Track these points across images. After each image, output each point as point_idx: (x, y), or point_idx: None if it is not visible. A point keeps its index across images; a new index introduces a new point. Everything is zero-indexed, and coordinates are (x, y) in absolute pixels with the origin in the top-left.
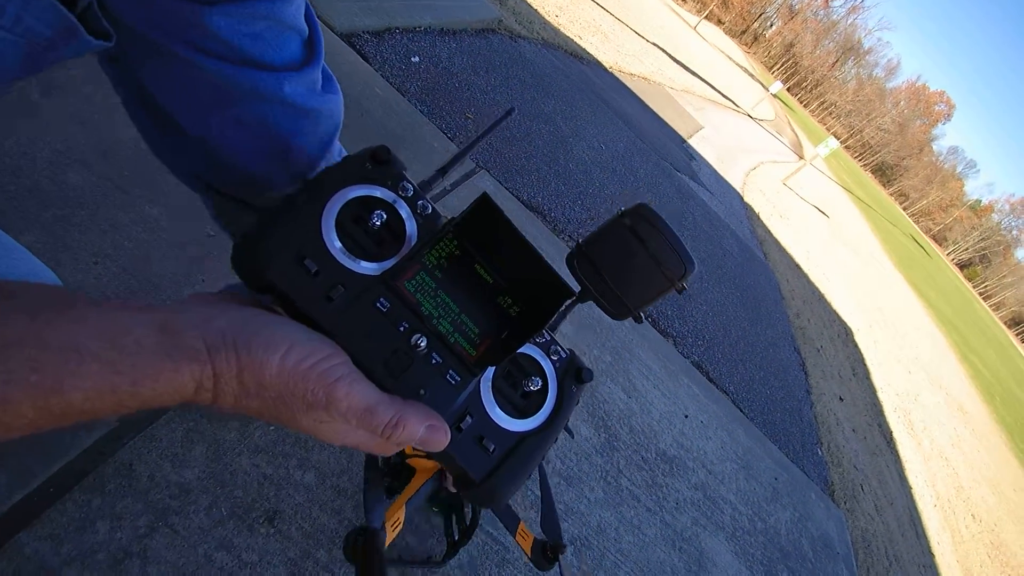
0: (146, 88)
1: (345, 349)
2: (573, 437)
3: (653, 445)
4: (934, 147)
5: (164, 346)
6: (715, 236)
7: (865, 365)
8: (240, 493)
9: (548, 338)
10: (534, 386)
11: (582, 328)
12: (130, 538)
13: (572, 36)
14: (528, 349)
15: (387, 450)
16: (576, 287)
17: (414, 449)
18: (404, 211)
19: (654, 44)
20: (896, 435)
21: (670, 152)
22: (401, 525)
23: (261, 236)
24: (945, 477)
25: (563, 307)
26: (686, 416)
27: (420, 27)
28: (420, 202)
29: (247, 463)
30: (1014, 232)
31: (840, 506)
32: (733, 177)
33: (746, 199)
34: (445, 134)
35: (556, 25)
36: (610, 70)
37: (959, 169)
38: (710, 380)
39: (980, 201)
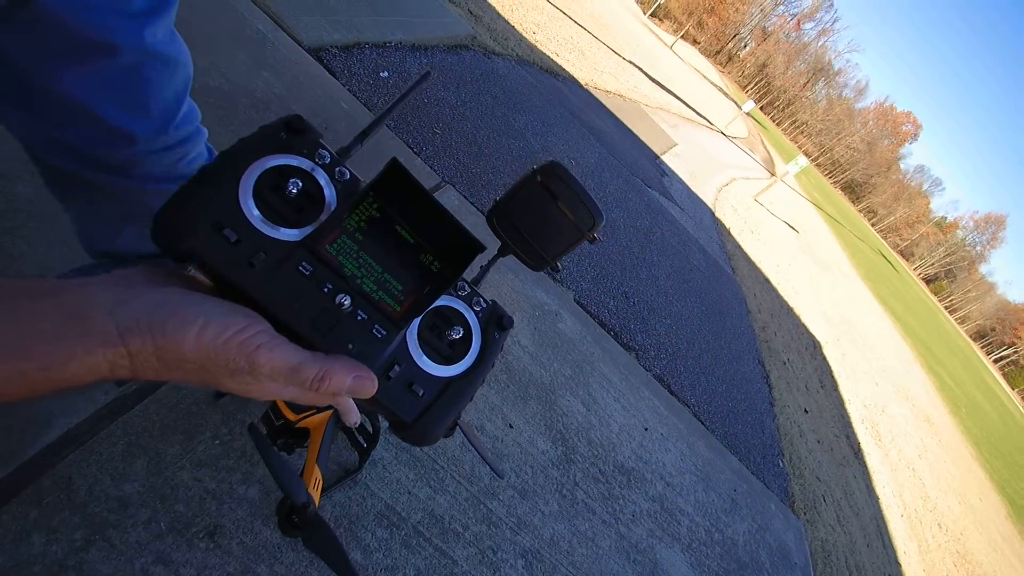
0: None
1: (271, 312)
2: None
3: (611, 458)
4: (901, 165)
5: (74, 332)
6: (683, 251)
7: (833, 377)
8: (181, 507)
9: (470, 291)
10: (457, 335)
11: (543, 345)
12: (66, 551)
13: (549, 53)
14: (451, 302)
15: (320, 401)
16: (497, 243)
17: (297, 414)
18: (322, 178)
19: (631, 62)
20: (863, 446)
21: (642, 168)
22: (321, 480)
23: (178, 208)
24: (912, 487)
25: (487, 262)
26: (646, 429)
27: (390, 43)
28: (338, 168)
29: (188, 477)
30: (978, 248)
31: (800, 517)
32: (705, 193)
33: (717, 215)
34: (411, 148)
35: (533, 42)
36: (585, 87)
37: (925, 187)
38: (672, 393)
39: (946, 218)
